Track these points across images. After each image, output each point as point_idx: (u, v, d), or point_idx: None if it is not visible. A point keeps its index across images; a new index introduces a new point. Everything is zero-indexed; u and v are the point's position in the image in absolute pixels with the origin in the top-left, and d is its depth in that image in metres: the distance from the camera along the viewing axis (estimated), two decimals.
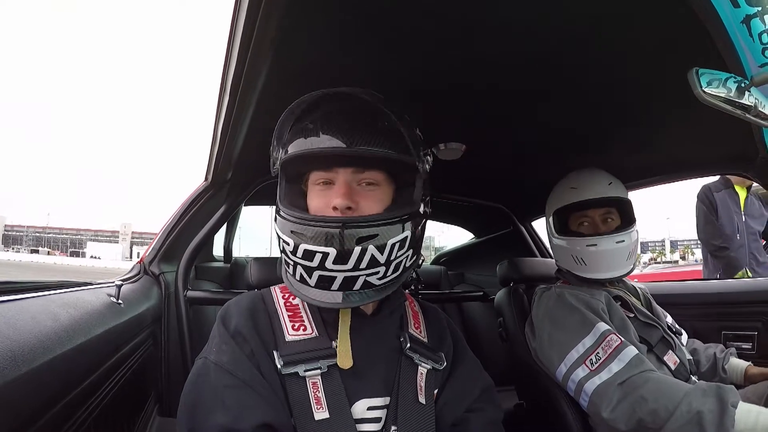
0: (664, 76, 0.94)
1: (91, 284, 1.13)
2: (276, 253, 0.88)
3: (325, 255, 0.71)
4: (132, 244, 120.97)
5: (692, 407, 0.97)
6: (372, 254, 0.72)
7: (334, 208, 0.75)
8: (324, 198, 0.79)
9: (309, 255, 0.72)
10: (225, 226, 2.20)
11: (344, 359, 0.78)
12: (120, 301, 1.10)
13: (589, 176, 1.39)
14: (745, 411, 0.94)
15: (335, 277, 0.73)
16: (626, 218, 1.39)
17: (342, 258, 0.72)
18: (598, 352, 1.16)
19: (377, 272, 0.74)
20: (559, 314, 1.31)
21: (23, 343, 0.61)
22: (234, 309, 0.82)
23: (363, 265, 0.73)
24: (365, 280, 0.74)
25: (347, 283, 0.74)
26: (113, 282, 1.22)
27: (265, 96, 0.98)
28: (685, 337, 1.47)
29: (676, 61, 0.86)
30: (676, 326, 1.46)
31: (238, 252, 2.65)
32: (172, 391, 1.56)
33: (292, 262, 0.76)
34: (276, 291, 0.88)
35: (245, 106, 1.04)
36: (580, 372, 1.17)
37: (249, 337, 0.77)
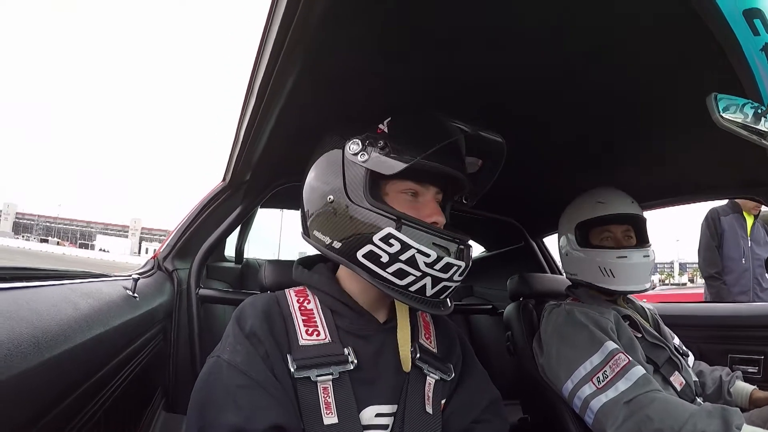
0: (679, 98, 0.95)
1: (108, 276, 1.16)
2: (284, 256, 0.89)
3: (459, 268, 0.80)
4: (141, 239, 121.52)
5: (697, 428, 0.97)
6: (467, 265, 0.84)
7: (434, 222, 0.82)
8: (414, 209, 0.84)
9: (447, 268, 0.78)
10: (239, 227, 2.21)
11: (408, 364, 0.84)
12: (136, 295, 1.12)
13: (613, 193, 1.42)
14: None
15: (451, 287, 0.82)
16: (643, 237, 1.41)
17: (463, 271, 0.83)
18: (605, 371, 1.16)
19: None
20: (567, 331, 1.31)
21: (45, 329, 0.62)
22: (249, 310, 0.83)
23: (463, 276, 0.84)
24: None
25: (452, 292, 0.86)
26: (130, 275, 1.24)
27: (292, 100, 0.99)
28: (691, 358, 1.46)
29: (692, 82, 0.87)
30: (683, 348, 1.45)
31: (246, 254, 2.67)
32: (179, 387, 1.57)
33: (420, 274, 0.78)
34: (291, 294, 0.89)
35: (271, 109, 1.05)
36: (587, 389, 1.17)
37: (264, 339, 0.78)
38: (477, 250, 3.16)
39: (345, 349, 0.80)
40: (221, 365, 0.75)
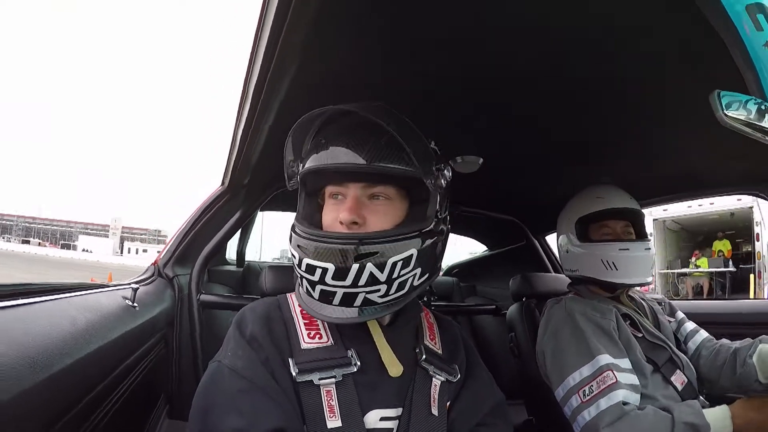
0: (681, 93, 0.94)
1: (107, 286, 1.15)
2: (265, 257, 0.89)
3: (325, 270, 0.72)
4: (123, 239, 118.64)
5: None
6: (371, 272, 0.72)
7: (341, 223, 0.76)
8: (334, 212, 0.79)
9: (311, 269, 0.73)
10: (239, 230, 2.21)
11: (393, 368, 0.80)
12: (135, 304, 1.11)
13: (612, 188, 1.42)
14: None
15: (335, 293, 0.73)
16: (641, 232, 1.42)
17: (340, 274, 0.72)
18: (592, 385, 1.17)
19: (378, 290, 0.74)
20: (564, 335, 1.30)
21: (42, 348, 0.62)
22: (250, 315, 0.82)
23: (362, 282, 0.72)
24: (365, 297, 0.74)
25: (347, 299, 0.74)
26: (129, 284, 1.24)
27: (287, 102, 0.99)
28: (703, 333, 1.45)
29: (694, 78, 0.86)
30: (692, 327, 1.46)
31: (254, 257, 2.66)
32: (183, 393, 1.56)
33: (298, 276, 0.77)
34: (292, 298, 0.88)
35: (266, 112, 1.04)
36: (574, 401, 1.18)
37: (264, 344, 0.77)
38: (480, 248, 3.15)
39: (348, 351, 0.79)
40: (222, 370, 0.74)
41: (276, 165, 1.29)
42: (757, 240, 8.79)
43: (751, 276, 8.86)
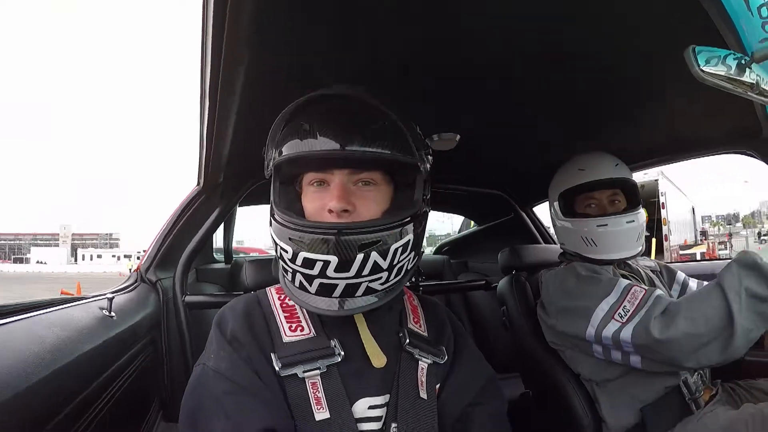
0: (660, 53, 0.90)
1: (83, 299, 1.12)
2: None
3: (327, 263, 0.69)
4: (75, 247, 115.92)
5: (739, 289, 0.96)
6: (375, 260, 0.70)
7: (330, 211, 0.73)
8: (320, 200, 0.76)
9: (309, 263, 0.70)
10: (222, 227, 2.18)
11: (377, 359, 0.78)
12: (112, 314, 1.09)
13: (596, 158, 1.37)
14: None
15: (337, 285, 0.71)
16: (632, 200, 1.37)
17: (344, 266, 0.70)
18: (625, 305, 1.13)
19: (380, 278, 0.73)
20: (573, 284, 1.28)
21: (2, 372, 0.59)
22: (229, 314, 0.81)
23: (366, 272, 0.71)
24: (367, 286, 0.73)
25: (349, 290, 0.72)
26: (104, 295, 1.21)
27: (246, 98, 0.96)
28: (694, 282, 1.46)
29: (673, 37, 0.82)
30: (697, 283, 1.45)
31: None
32: (176, 396, 1.54)
33: (291, 270, 0.74)
34: (272, 292, 0.86)
35: (227, 109, 1.01)
36: (611, 327, 1.13)
37: (245, 342, 0.76)
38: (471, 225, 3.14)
39: (331, 341, 0.78)
40: (207, 373, 0.73)
41: (249, 160, 1.26)
42: (663, 208, 10.50)
43: (653, 240, 10.08)
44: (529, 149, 1.63)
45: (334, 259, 0.69)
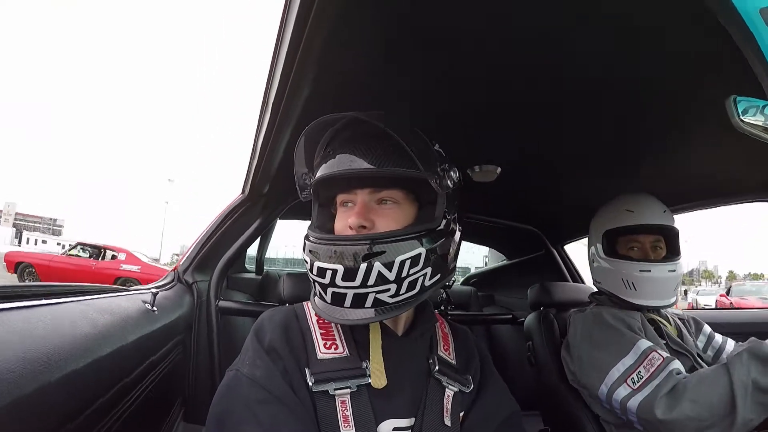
0: (698, 100, 0.92)
1: (127, 290, 1.18)
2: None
3: (335, 272, 0.73)
4: (19, 227, 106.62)
5: (743, 382, 0.96)
6: (379, 271, 0.73)
7: (351, 228, 0.77)
8: (344, 219, 0.81)
9: (321, 272, 0.75)
10: (259, 238, 2.23)
11: (378, 378, 0.78)
12: (154, 308, 1.14)
13: (644, 200, 1.36)
14: None
15: (346, 294, 0.74)
16: (673, 248, 1.36)
17: (349, 275, 0.73)
18: (639, 371, 1.13)
19: (387, 289, 0.74)
20: (597, 334, 1.28)
21: (59, 346, 0.64)
22: (268, 324, 0.83)
23: (371, 282, 0.73)
24: (375, 297, 0.74)
25: (357, 300, 0.75)
26: (149, 289, 1.27)
27: (306, 112, 1.00)
28: (731, 342, 1.43)
29: (711, 84, 0.84)
30: (722, 338, 1.43)
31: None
32: (199, 397, 1.58)
33: (311, 280, 0.79)
34: (308, 307, 0.89)
35: (286, 122, 1.06)
36: (622, 391, 1.14)
37: (282, 354, 0.78)
38: (498, 258, 3.12)
39: (363, 363, 0.79)
40: (241, 379, 0.75)
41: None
42: None
43: None
44: (566, 188, 1.63)
45: (339, 268, 0.73)
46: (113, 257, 11.08)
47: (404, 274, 0.74)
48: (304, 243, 0.81)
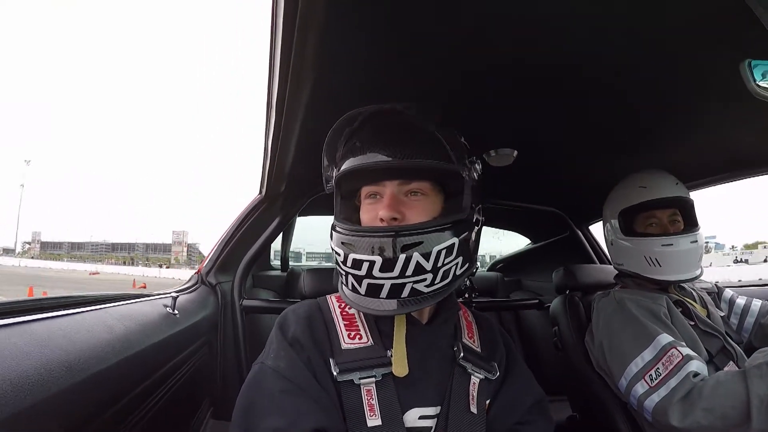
0: (717, 71, 0.87)
1: (149, 296, 1.21)
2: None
3: (372, 263, 0.73)
4: None
5: (764, 395, 0.94)
6: (417, 261, 0.73)
7: (381, 220, 0.77)
8: (373, 211, 0.81)
9: (357, 264, 0.75)
10: (281, 236, 2.26)
11: (399, 367, 0.79)
12: (176, 312, 1.16)
13: (657, 176, 1.34)
14: None
15: (383, 285, 0.74)
16: (691, 220, 1.32)
17: (388, 265, 0.73)
18: (658, 368, 1.11)
19: (424, 279, 0.75)
20: (618, 324, 1.25)
21: (78, 354, 0.66)
22: (292, 317, 0.85)
23: (409, 272, 0.73)
24: (412, 287, 0.75)
25: (395, 291, 0.75)
26: (169, 294, 1.30)
27: (311, 112, 1.00)
28: (757, 301, 1.40)
29: (729, 54, 0.79)
30: (745, 300, 1.41)
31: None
32: (227, 395, 1.62)
33: (344, 273, 0.79)
34: (332, 300, 0.90)
35: (292, 123, 1.06)
36: (639, 388, 1.12)
37: (306, 345, 0.79)
38: (524, 242, 3.07)
39: (387, 351, 0.80)
40: (265, 371, 0.76)
41: (310, 172, 1.32)
42: None
43: None
44: (585, 167, 1.59)
45: (378, 260, 0.73)
46: None
47: (440, 263, 0.76)
48: (332, 234, 0.82)
